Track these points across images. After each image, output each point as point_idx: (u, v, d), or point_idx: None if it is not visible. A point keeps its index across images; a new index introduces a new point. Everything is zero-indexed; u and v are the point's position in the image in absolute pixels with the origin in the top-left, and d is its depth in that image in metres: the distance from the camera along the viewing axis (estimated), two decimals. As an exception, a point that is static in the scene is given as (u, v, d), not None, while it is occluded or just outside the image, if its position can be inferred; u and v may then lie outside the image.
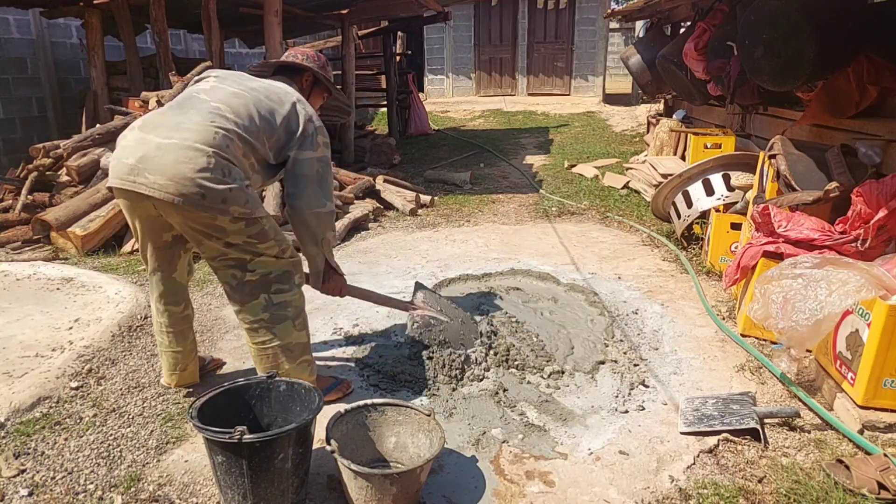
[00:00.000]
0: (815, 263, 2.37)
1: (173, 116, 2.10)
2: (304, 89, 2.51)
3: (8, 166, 6.39)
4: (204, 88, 2.23)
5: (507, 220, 5.50)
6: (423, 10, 8.30)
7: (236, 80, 2.28)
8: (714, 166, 4.24)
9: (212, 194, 1.99)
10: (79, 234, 4.27)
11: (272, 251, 2.20)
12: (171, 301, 2.44)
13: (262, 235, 2.16)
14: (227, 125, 2.08)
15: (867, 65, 3.48)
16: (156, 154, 2.00)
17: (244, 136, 2.11)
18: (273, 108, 2.22)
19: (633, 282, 3.85)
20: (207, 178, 1.98)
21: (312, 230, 2.32)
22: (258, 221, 2.13)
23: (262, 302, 2.22)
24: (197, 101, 2.15)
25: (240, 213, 2.06)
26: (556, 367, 2.76)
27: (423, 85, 15.14)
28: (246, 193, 2.07)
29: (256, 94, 2.22)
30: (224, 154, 2.03)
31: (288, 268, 2.26)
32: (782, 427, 2.32)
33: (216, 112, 2.10)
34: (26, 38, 7.52)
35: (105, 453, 2.18)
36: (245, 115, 2.14)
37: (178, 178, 1.97)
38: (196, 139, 2.01)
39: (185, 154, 1.98)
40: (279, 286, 2.24)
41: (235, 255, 2.17)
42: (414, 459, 2.02)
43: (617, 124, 11.46)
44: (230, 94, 2.18)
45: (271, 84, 2.32)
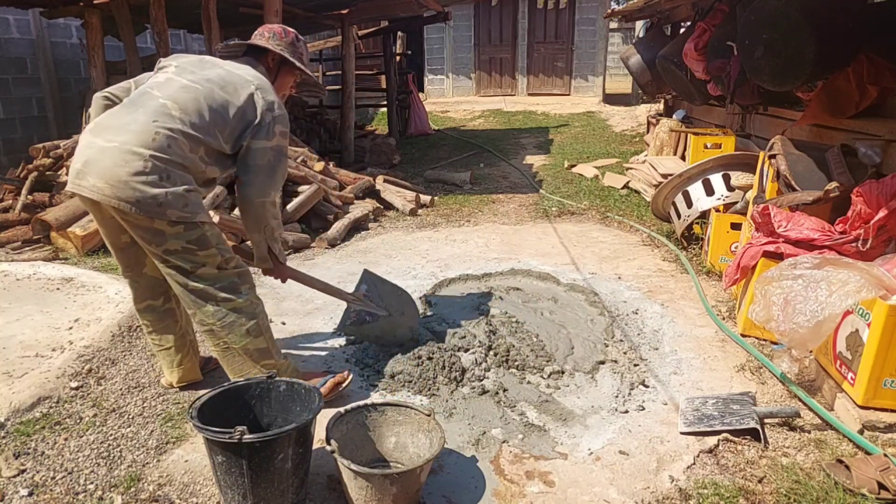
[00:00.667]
0: (815, 264, 2.37)
1: (122, 117, 2.11)
2: (271, 69, 2.48)
3: (8, 166, 6.38)
4: (158, 82, 2.22)
5: (507, 220, 5.50)
6: (423, 10, 8.30)
7: (193, 70, 2.25)
8: (714, 166, 4.24)
9: (146, 197, 2.00)
10: (79, 234, 4.27)
11: (214, 260, 2.19)
12: (149, 296, 2.44)
13: (203, 242, 2.14)
14: (170, 124, 2.08)
15: (867, 65, 3.47)
16: (97, 158, 2.03)
17: (190, 132, 2.10)
18: (226, 100, 2.19)
19: (633, 282, 3.85)
20: (142, 181, 2.00)
21: (258, 218, 2.34)
22: (198, 227, 2.12)
23: (210, 309, 2.22)
24: (148, 97, 2.15)
25: (178, 216, 2.06)
26: (556, 367, 2.76)
27: (423, 85, 15.15)
28: (185, 197, 2.07)
29: (210, 86, 2.19)
30: (164, 155, 2.04)
31: (233, 278, 2.25)
32: (782, 427, 2.32)
33: (162, 110, 2.10)
34: (26, 38, 7.52)
35: (105, 453, 2.18)
36: (193, 110, 2.13)
37: (113, 182, 2.00)
38: (135, 142, 2.02)
39: (122, 158, 2.01)
40: (226, 295, 2.23)
41: (177, 263, 2.16)
42: (414, 459, 2.02)
43: (617, 124, 11.46)
44: (180, 88, 2.16)
45: (230, 72, 2.28)
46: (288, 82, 2.57)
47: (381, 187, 5.96)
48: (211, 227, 2.19)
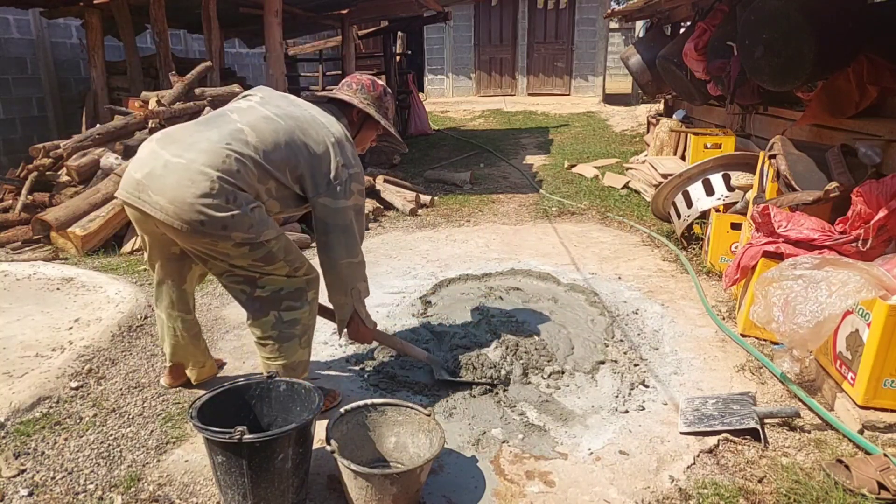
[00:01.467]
0: (815, 264, 2.37)
1: (192, 133, 2.05)
2: (354, 123, 2.43)
3: (8, 166, 6.39)
4: (240, 107, 2.18)
5: (508, 220, 5.50)
6: (423, 10, 8.31)
7: (279, 105, 2.20)
8: (714, 166, 4.24)
9: (211, 221, 1.94)
10: (79, 234, 4.27)
11: (282, 271, 2.16)
12: (183, 309, 2.42)
13: (269, 258, 2.10)
14: (243, 149, 2.01)
15: (867, 65, 3.47)
16: (161, 173, 1.96)
17: (261, 162, 2.03)
18: (305, 143, 2.12)
19: (633, 282, 3.85)
20: (208, 203, 1.92)
21: (343, 280, 2.27)
22: (264, 245, 2.06)
23: (271, 319, 2.19)
24: (225, 119, 2.11)
25: (242, 238, 2.00)
26: (557, 367, 2.76)
27: (423, 85, 15.15)
28: (250, 217, 1.99)
29: (292, 124, 2.13)
30: (231, 179, 1.96)
31: (301, 285, 2.22)
32: (782, 427, 2.32)
33: (237, 135, 2.04)
34: (26, 38, 7.52)
35: (105, 453, 2.18)
36: (270, 141, 2.06)
37: (177, 202, 1.93)
38: (204, 161, 1.95)
39: (189, 177, 1.93)
40: (290, 303, 2.20)
41: (243, 274, 2.13)
42: (414, 459, 2.02)
43: (617, 124, 11.46)
44: (262, 118, 2.11)
45: (314, 117, 2.21)
46: (370, 136, 2.53)
47: (381, 187, 5.96)
48: (277, 241, 2.11)
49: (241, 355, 2.90)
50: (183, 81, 5.36)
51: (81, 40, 7.70)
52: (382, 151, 8.17)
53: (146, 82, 6.90)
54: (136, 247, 4.44)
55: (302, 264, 2.22)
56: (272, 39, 6.07)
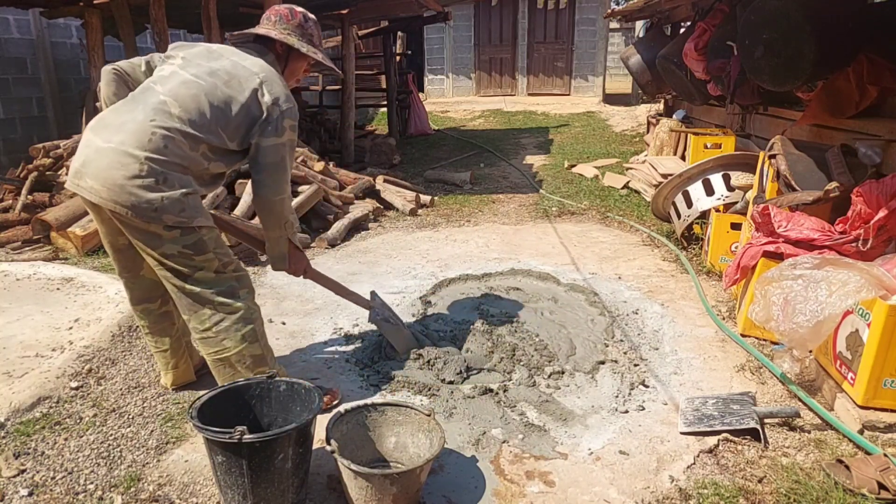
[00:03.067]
0: (815, 264, 2.37)
1: (122, 114, 2.08)
2: (280, 56, 2.38)
3: (8, 166, 6.38)
4: (162, 75, 2.18)
5: (508, 220, 5.50)
6: (423, 10, 8.29)
7: (199, 63, 2.19)
8: (714, 166, 4.24)
9: (141, 202, 1.98)
10: (79, 234, 4.27)
11: (212, 265, 2.15)
12: (146, 299, 2.42)
13: (199, 247, 2.11)
14: (168, 122, 2.04)
15: (867, 65, 3.47)
16: (94, 158, 2.02)
17: (189, 131, 2.06)
18: (229, 96, 2.13)
19: (633, 282, 3.85)
20: (138, 185, 1.97)
21: (277, 216, 2.30)
22: (195, 231, 2.09)
23: (206, 313, 2.19)
24: (150, 93, 2.12)
25: (174, 221, 2.03)
26: (557, 367, 2.76)
27: (423, 85, 15.14)
28: (182, 202, 2.03)
29: (213, 81, 2.13)
30: (160, 157, 2.00)
31: (232, 283, 2.22)
32: (782, 427, 2.32)
33: (161, 108, 2.06)
34: (26, 38, 7.52)
35: (105, 453, 2.18)
36: (193, 108, 2.08)
37: (109, 185, 1.98)
38: (131, 142, 1.99)
39: (118, 160, 1.98)
40: (223, 299, 2.19)
41: (174, 266, 2.13)
42: (414, 459, 2.02)
43: (617, 124, 11.46)
44: (181, 84, 2.11)
45: (236, 63, 2.21)
46: (300, 67, 2.47)
47: (381, 187, 5.96)
48: (209, 231, 2.15)
49: (241, 355, 2.90)
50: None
51: (81, 40, 7.69)
52: (382, 152, 8.17)
53: (146, 82, 6.88)
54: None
55: (231, 260, 2.23)
56: (272, 39, 6.05)
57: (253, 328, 2.26)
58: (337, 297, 3.39)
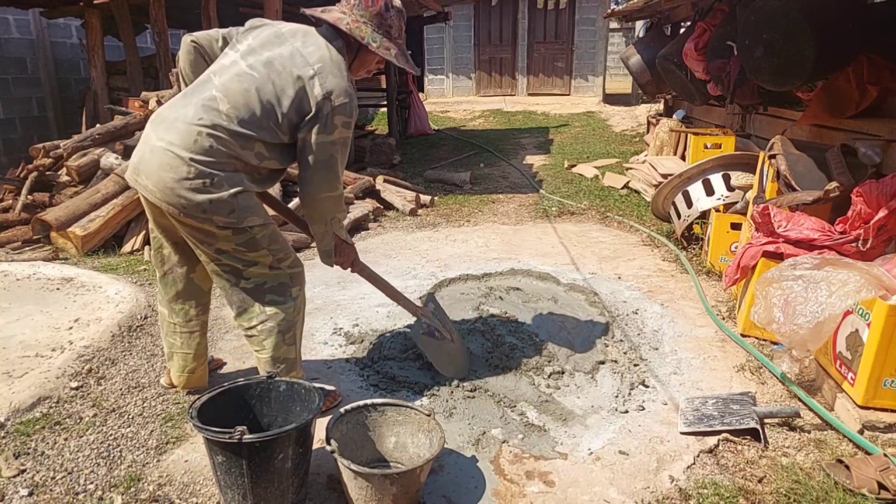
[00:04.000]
0: (815, 264, 2.37)
1: (177, 108, 2.05)
2: (352, 45, 2.19)
3: (8, 166, 6.39)
4: (223, 64, 2.10)
5: (507, 220, 5.50)
6: (423, 10, 8.30)
7: (259, 52, 2.07)
8: (714, 166, 4.25)
9: (191, 205, 1.97)
10: (79, 234, 4.27)
11: (265, 260, 2.15)
12: (188, 301, 2.38)
13: (252, 244, 2.10)
14: (215, 120, 1.98)
15: (867, 65, 3.47)
16: (149, 157, 2.01)
17: (238, 130, 2.00)
18: (281, 91, 2.03)
19: (633, 282, 3.85)
20: (188, 187, 1.96)
21: (322, 212, 2.21)
22: (247, 231, 2.07)
23: (255, 310, 2.19)
24: (206, 86, 2.05)
25: (224, 222, 2.02)
26: (557, 367, 2.76)
27: (423, 85, 15.14)
28: (231, 203, 2.00)
29: (267, 73, 2.03)
30: (207, 158, 1.97)
31: (284, 279, 2.21)
32: (782, 427, 2.32)
33: (209, 105, 2.00)
34: (26, 38, 7.52)
35: (105, 453, 2.18)
36: (242, 104, 2.00)
37: (161, 186, 1.98)
38: (178, 143, 1.97)
39: (168, 161, 1.97)
40: (273, 297, 2.19)
41: (227, 262, 2.13)
42: (414, 459, 2.02)
43: (617, 124, 11.46)
44: (235, 77, 2.03)
45: (296, 51, 2.06)
46: (372, 59, 2.27)
47: (381, 187, 5.96)
48: (262, 229, 2.10)
49: (241, 355, 2.90)
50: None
51: (81, 40, 7.70)
52: (382, 152, 8.17)
53: (146, 82, 6.90)
54: (135, 247, 4.44)
55: (287, 256, 2.21)
56: (272, 39, 6.05)
57: (293, 333, 2.26)
58: (337, 298, 3.39)
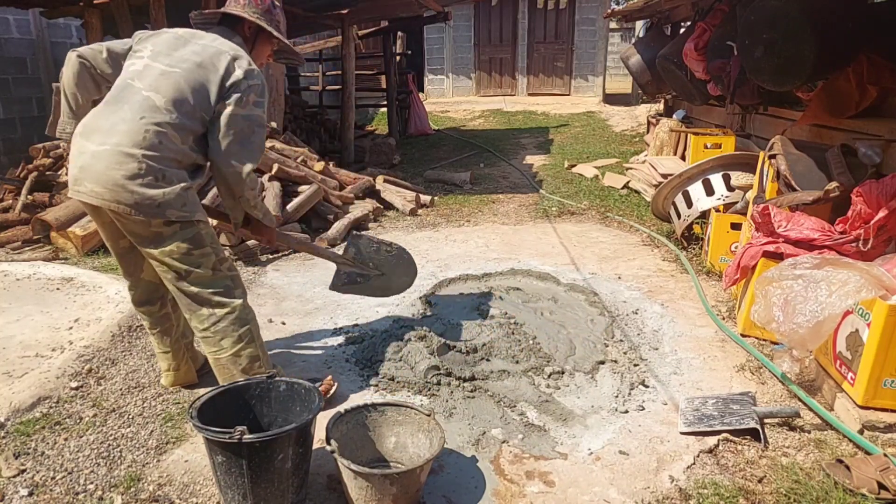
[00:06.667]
0: (815, 264, 2.37)
1: (108, 116, 2.08)
2: (248, 38, 2.37)
3: (8, 166, 6.38)
4: (137, 70, 2.15)
5: (507, 220, 5.50)
6: (423, 10, 8.30)
7: (168, 52, 2.17)
8: (714, 166, 4.24)
9: (144, 199, 2.01)
10: (79, 234, 4.27)
11: (208, 261, 2.19)
12: (146, 301, 2.45)
13: (198, 241, 2.15)
14: (157, 117, 2.05)
15: (867, 65, 3.47)
16: (91, 163, 2.03)
17: (178, 123, 2.07)
18: (206, 79, 2.12)
19: (633, 282, 3.85)
20: (139, 183, 2.00)
21: (229, 186, 2.24)
22: (194, 225, 2.14)
23: (204, 312, 2.23)
24: (130, 91, 2.11)
25: (177, 216, 2.07)
26: (557, 368, 2.76)
27: (423, 85, 15.13)
28: (183, 196, 2.08)
29: (188, 66, 2.12)
30: (156, 153, 2.03)
31: (227, 282, 2.26)
32: (782, 427, 2.32)
33: (147, 104, 2.06)
34: (26, 38, 7.51)
35: (105, 453, 2.18)
36: (176, 97, 2.08)
37: (111, 185, 2.00)
38: (126, 142, 2.01)
39: (116, 160, 2.00)
40: (220, 299, 2.23)
41: (174, 265, 2.16)
42: (414, 459, 2.02)
43: (617, 124, 11.46)
44: (160, 76, 2.11)
45: (206, 45, 2.19)
46: (265, 51, 2.48)
47: (381, 187, 5.96)
48: (206, 227, 2.20)
49: (241, 355, 2.90)
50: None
51: (81, 40, 7.69)
52: (382, 152, 8.17)
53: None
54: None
55: (226, 258, 2.27)
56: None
57: (249, 329, 2.29)
58: (337, 298, 3.40)
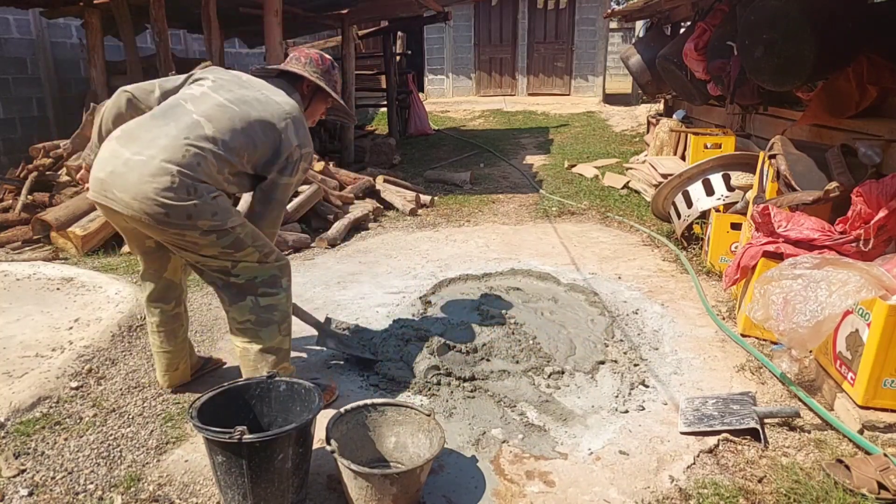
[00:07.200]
0: (815, 264, 2.37)
1: (151, 129, 2.07)
2: (305, 95, 2.46)
3: (8, 166, 6.38)
4: (193, 95, 2.18)
5: (508, 220, 5.50)
6: (423, 10, 8.30)
7: (231, 89, 2.22)
8: (714, 166, 4.24)
9: (175, 211, 1.99)
10: (79, 233, 4.27)
11: (252, 257, 2.19)
12: (162, 299, 2.44)
13: (238, 244, 2.14)
14: (201, 143, 2.04)
15: (867, 65, 3.47)
16: (123, 170, 2.00)
17: (220, 153, 2.07)
18: (261, 128, 2.16)
19: (633, 282, 3.85)
20: (170, 196, 1.97)
21: None
22: (230, 232, 2.10)
23: (248, 304, 2.22)
24: (181, 111, 2.12)
25: (209, 226, 2.05)
26: (557, 368, 2.76)
27: (423, 85, 15.13)
28: (213, 204, 2.04)
29: (246, 109, 2.16)
30: (191, 173, 2.00)
31: (274, 272, 2.25)
32: (782, 427, 2.32)
33: (195, 127, 2.06)
34: (26, 38, 7.51)
35: (105, 453, 2.18)
36: (227, 130, 2.09)
37: (140, 197, 1.98)
38: (164, 157, 1.99)
39: (150, 172, 1.97)
40: (266, 289, 2.23)
41: (216, 264, 2.17)
42: (414, 459, 2.02)
43: (617, 124, 11.46)
44: (216, 106, 2.13)
45: (268, 97, 2.25)
46: (320, 109, 2.56)
47: (381, 187, 5.96)
48: (243, 228, 2.15)
49: (241, 355, 2.90)
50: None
51: (81, 40, 7.69)
52: (382, 152, 8.17)
53: (146, 82, 6.88)
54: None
55: (272, 250, 2.26)
56: (272, 39, 6.07)
57: (288, 323, 2.33)
58: (337, 298, 3.41)
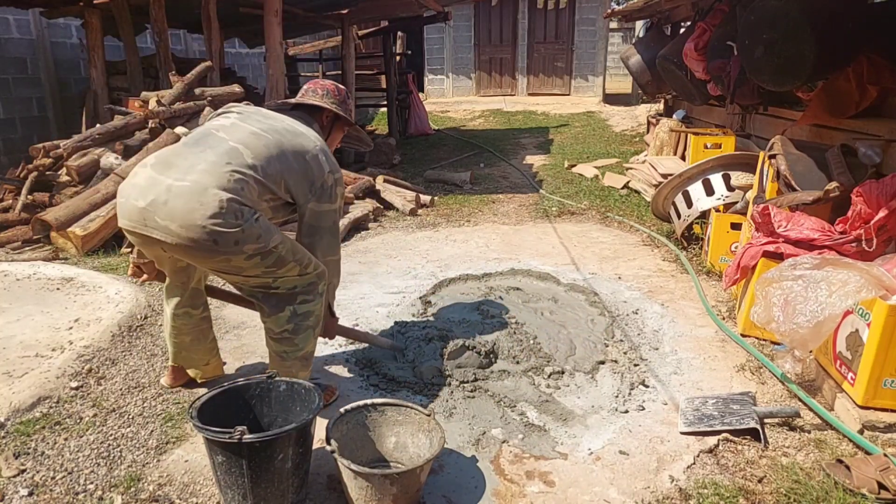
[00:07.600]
0: (815, 264, 2.37)
1: (188, 156, 2.06)
2: (325, 126, 2.51)
3: (8, 166, 6.38)
4: (223, 125, 2.20)
5: (508, 220, 5.50)
6: (423, 10, 8.31)
7: (258, 119, 2.24)
8: (714, 166, 4.24)
9: (224, 239, 1.97)
10: (79, 234, 4.27)
11: (293, 271, 2.21)
12: (191, 305, 2.46)
13: (280, 262, 2.15)
14: (243, 169, 2.05)
15: (867, 65, 3.47)
16: (167, 198, 1.97)
17: (261, 179, 2.08)
18: (294, 155, 2.19)
19: (633, 282, 3.85)
20: (219, 223, 1.95)
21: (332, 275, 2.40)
22: (273, 252, 2.10)
23: (287, 314, 2.24)
24: (215, 139, 2.12)
25: (254, 249, 2.04)
26: (557, 367, 2.76)
27: (423, 85, 15.13)
28: (257, 227, 2.03)
29: (278, 138, 2.18)
30: (237, 197, 2.00)
31: (313, 279, 2.28)
32: (782, 427, 2.32)
33: (234, 153, 2.07)
34: (26, 38, 7.51)
35: (105, 453, 2.18)
36: (264, 157, 2.11)
37: (188, 225, 1.95)
38: (209, 182, 1.98)
39: (198, 199, 1.95)
40: (304, 297, 2.26)
41: (258, 281, 2.20)
42: (414, 459, 2.02)
43: (617, 124, 11.46)
44: (251, 135, 2.15)
45: (295, 129, 2.27)
46: (338, 138, 2.64)
47: (381, 187, 5.96)
48: (284, 245, 2.15)
49: (241, 355, 2.90)
50: (183, 81, 5.36)
51: (81, 40, 7.68)
52: (382, 152, 8.17)
53: (146, 82, 6.89)
54: (136, 247, 4.44)
55: (310, 260, 2.27)
56: (272, 39, 6.07)
57: (320, 326, 2.39)
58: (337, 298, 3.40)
